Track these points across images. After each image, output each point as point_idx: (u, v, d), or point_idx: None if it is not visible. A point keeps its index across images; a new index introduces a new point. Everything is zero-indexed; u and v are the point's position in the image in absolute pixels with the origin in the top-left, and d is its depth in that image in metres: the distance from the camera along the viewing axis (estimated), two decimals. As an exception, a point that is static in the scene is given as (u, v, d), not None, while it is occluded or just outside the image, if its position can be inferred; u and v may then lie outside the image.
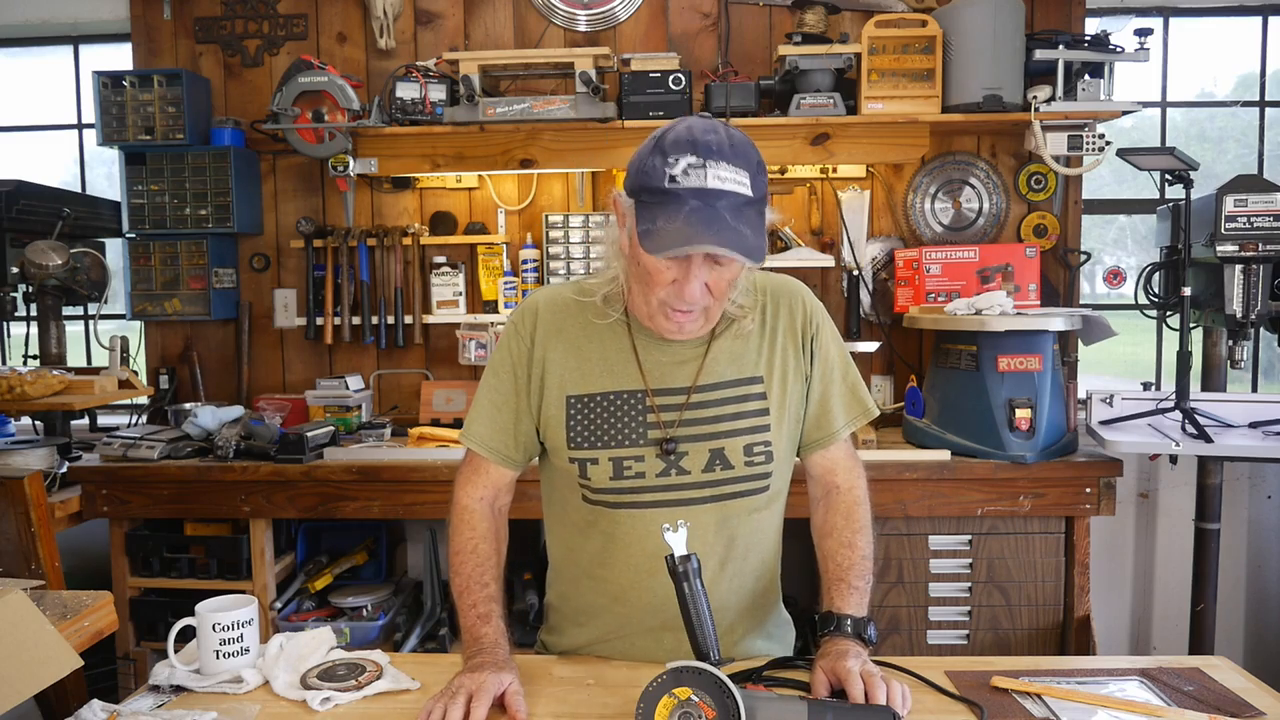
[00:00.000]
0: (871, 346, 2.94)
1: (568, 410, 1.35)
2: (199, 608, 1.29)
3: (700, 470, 1.33)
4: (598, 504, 1.35)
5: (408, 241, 3.06)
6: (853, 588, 1.32)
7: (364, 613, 2.72)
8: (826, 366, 1.41)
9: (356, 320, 3.06)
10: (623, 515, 1.34)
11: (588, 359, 1.36)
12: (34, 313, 2.91)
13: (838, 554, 1.36)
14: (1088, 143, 2.75)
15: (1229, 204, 2.45)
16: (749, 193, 1.19)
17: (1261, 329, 2.70)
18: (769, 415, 1.35)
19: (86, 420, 3.06)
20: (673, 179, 1.17)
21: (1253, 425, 2.59)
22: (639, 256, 1.23)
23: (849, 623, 1.28)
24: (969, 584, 2.56)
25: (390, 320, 3.07)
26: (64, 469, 2.59)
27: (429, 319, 3.08)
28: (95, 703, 1.18)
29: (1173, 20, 3.14)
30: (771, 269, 1.47)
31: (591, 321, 1.37)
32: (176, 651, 1.31)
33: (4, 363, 3.20)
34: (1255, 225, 2.45)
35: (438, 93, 2.84)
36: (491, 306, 3.08)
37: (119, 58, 3.29)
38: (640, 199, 1.20)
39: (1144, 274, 2.76)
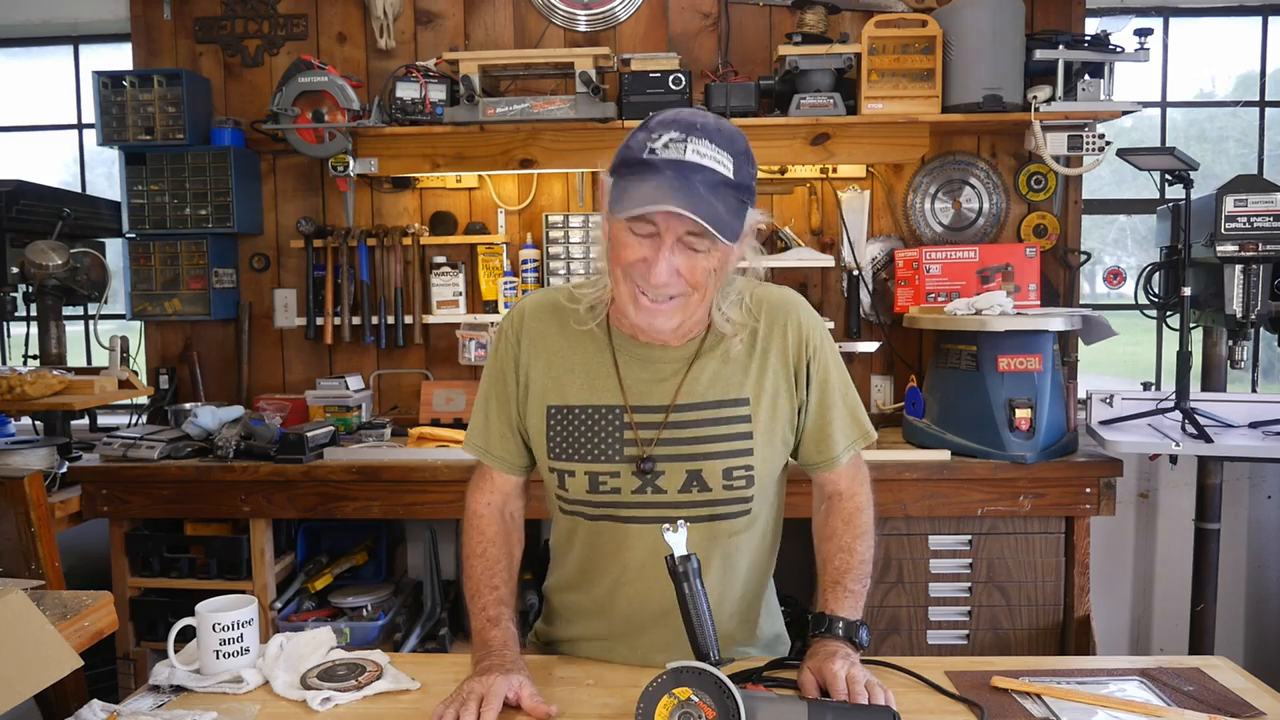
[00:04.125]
0: (871, 346, 2.94)
1: (547, 420, 1.34)
2: (199, 608, 1.29)
3: (677, 490, 1.30)
4: (573, 514, 1.35)
5: (408, 241, 3.06)
6: (848, 591, 1.31)
7: (364, 613, 2.72)
8: (825, 390, 1.36)
9: (356, 320, 3.06)
10: (602, 527, 1.34)
11: (569, 370, 1.34)
12: (34, 313, 2.91)
13: (835, 558, 1.35)
14: (1088, 143, 2.75)
15: (1229, 204, 2.45)
16: (729, 174, 1.16)
17: (1261, 329, 2.70)
18: (752, 439, 1.31)
19: (86, 420, 3.06)
20: (652, 151, 1.16)
21: (1253, 425, 2.59)
22: (610, 232, 1.21)
23: (840, 625, 1.27)
24: (969, 584, 2.56)
25: (390, 320, 3.07)
26: (64, 469, 2.58)
27: (429, 319, 3.08)
28: (95, 703, 1.18)
29: (1173, 20, 3.14)
30: (772, 269, 1.46)
31: (575, 330, 1.34)
32: (176, 651, 1.31)
33: (4, 363, 3.20)
34: (1255, 225, 2.45)
35: (438, 93, 2.84)
36: (491, 306, 3.08)
37: (119, 58, 3.29)
38: (619, 173, 1.19)
39: (1144, 274, 2.76)
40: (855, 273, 3.01)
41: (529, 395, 1.36)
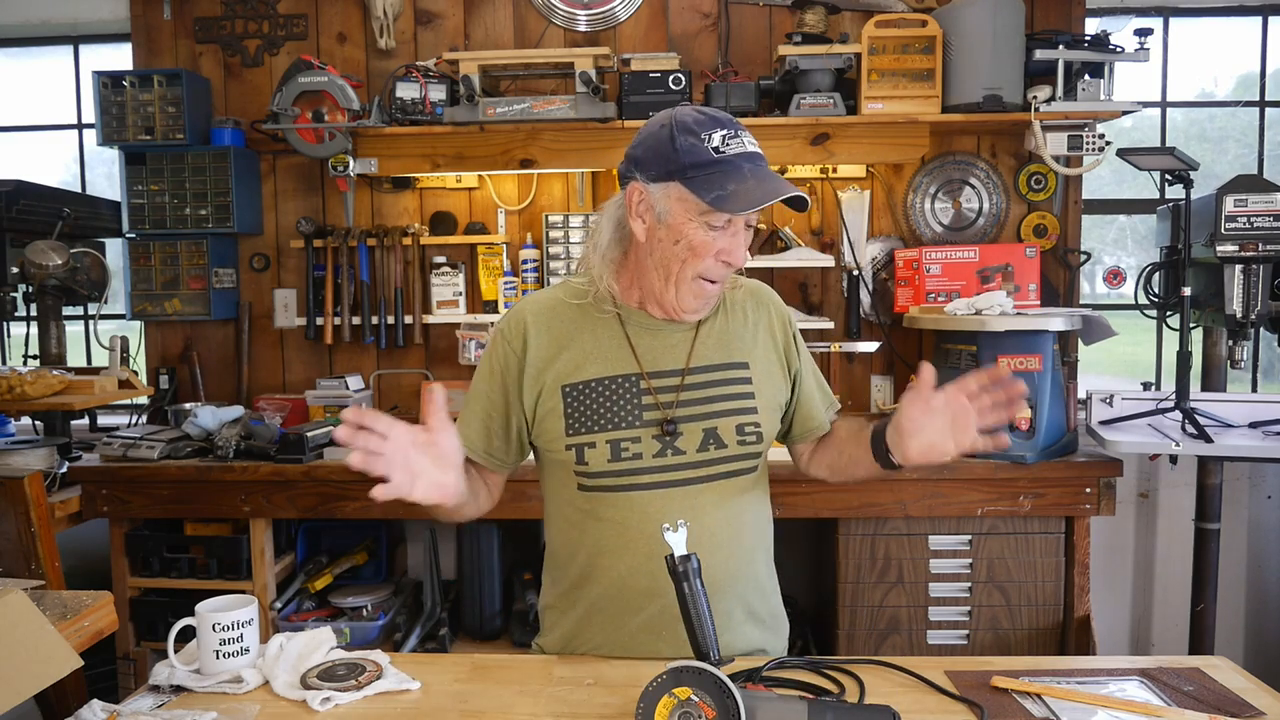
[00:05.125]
0: (871, 346, 2.94)
1: (564, 400, 1.38)
2: (199, 608, 1.29)
3: (695, 450, 1.37)
4: (594, 489, 1.37)
5: (408, 241, 3.06)
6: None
7: (364, 613, 2.72)
8: (802, 369, 1.52)
9: (356, 320, 3.06)
10: (621, 499, 1.36)
11: (581, 349, 1.40)
12: (34, 313, 2.91)
13: (863, 429, 1.45)
14: (1088, 143, 2.75)
15: (1229, 204, 2.45)
16: (760, 151, 1.35)
17: (1261, 329, 2.70)
18: (755, 399, 1.42)
19: (86, 420, 3.06)
20: (717, 150, 1.29)
21: (1253, 425, 2.59)
22: (672, 234, 1.31)
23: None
24: (969, 584, 2.56)
25: (390, 320, 3.07)
26: (64, 469, 2.59)
27: (429, 319, 3.08)
28: (95, 703, 1.18)
29: (1173, 20, 3.14)
30: (773, 269, 1.50)
31: (582, 317, 1.42)
32: (176, 651, 1.31)
33: (4, 363, 3.20)
34: (1255, 225, 2.45)
35: (438, 93, 2.84)
36: (491, 306, 3.08)
37: (119, 58, 3.29)
38: (688, 175, 1.29)
39: (1144, 274, 2.76)
40: (855, 273, 3.01)
41: (541, 387, 1.40)
